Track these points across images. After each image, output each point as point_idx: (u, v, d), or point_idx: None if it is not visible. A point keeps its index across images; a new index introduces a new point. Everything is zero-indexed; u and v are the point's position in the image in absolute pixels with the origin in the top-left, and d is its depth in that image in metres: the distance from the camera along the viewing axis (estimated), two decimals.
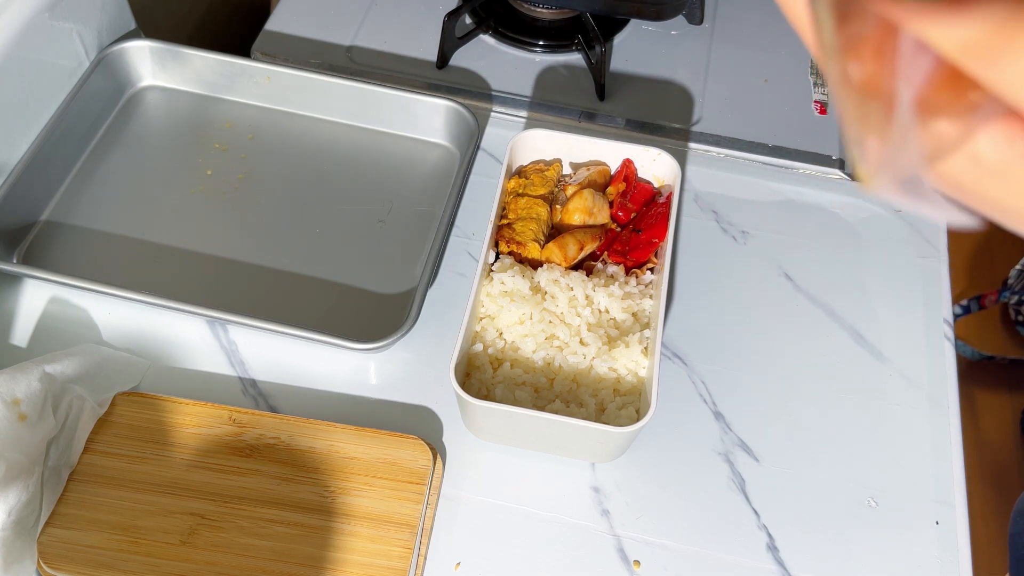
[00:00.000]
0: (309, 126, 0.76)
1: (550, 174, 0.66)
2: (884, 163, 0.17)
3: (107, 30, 0.75)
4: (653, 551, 0.56)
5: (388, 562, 0.51)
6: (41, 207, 0.68)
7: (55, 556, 0.50)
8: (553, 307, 0.59)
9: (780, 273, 0.69)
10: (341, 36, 0.83)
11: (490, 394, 0.57)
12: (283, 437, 0.55)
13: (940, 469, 0.60)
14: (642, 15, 0.78)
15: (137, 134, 0.74)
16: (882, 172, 0.18)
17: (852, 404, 0.63)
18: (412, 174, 0.73)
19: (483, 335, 0.59)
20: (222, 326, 0.63)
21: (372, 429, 0.56)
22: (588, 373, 0.57)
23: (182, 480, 0.53)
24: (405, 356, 0.63)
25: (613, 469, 0.59)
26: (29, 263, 0.65)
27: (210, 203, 0.70)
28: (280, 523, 0.52)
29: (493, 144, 0.76)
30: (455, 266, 0.68)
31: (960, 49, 0.16)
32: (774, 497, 0.58)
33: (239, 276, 0.66)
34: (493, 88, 0.79)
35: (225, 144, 0.74)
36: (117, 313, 0.63)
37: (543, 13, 0.83)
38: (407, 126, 0.75)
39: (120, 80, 0.75)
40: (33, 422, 0.52)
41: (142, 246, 0.67)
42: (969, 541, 0.57)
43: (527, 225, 0.63)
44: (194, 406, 0.56)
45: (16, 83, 0.66)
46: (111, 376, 0.58)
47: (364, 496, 0.53)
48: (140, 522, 0.51)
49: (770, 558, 0.56)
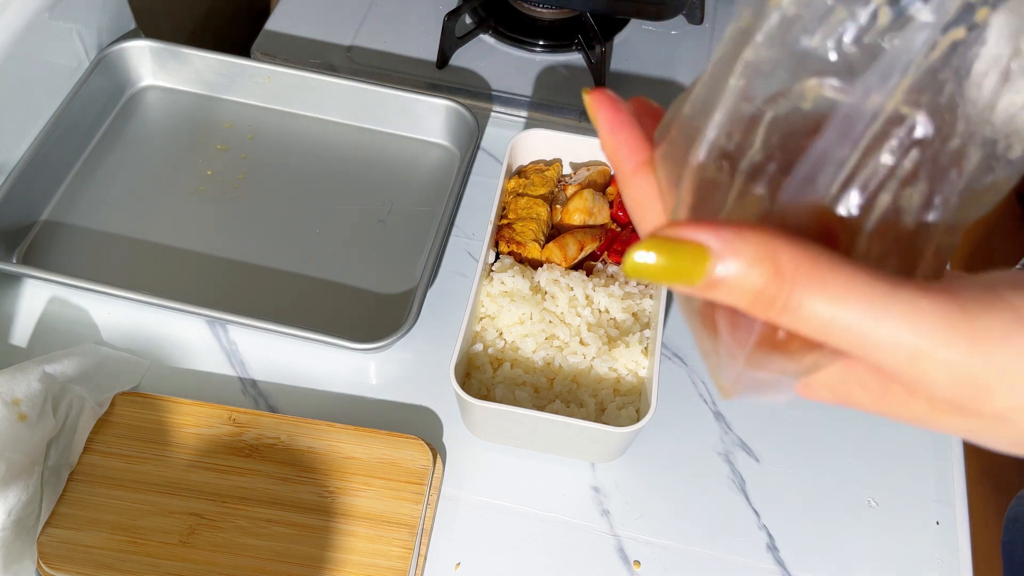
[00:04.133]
0: (309, 126, 0.76)
1: (550, 174, 0.66)
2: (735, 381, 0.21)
3: (107, 30, 0.75)
4: (653, 551, 0.56)
5: (388, 562, 0.51)
6: (41, 207, 0.68)
7: (55, 556, 0.50)
8: (553, 307, 0.59)
9: None
10: (341, 36, 0.83)
11: (490, 394, 0.57)
12: (283, 437, 0.55)
13: (940, 469, 0.60)
14: (642, 15, 0.78)
15: (137, 134, 0.74)
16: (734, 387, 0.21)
17: None
18: (412, 174, 0.73)
19: (483, 335, 0.59)
20: (222, 326, 0.63)
21: (372, 429, 0.56)
22: (588, 373, 0.57)
23: (182, 480, 0.53)
24: (405, 356, 0.63)
25: (613, 469, 0.58)
26: (29, 263, 0.65)
27: (210, 203, 0.70)
28: (280, 523, 0.52)
29: (493, 144, 0.76)
30: (455, 266, 0.68)
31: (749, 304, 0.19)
32: (774, 497, 0.58)
33: (239, 276, 0.66)
34: (493, 88, 0.79)
35: (225, 144, 0.74)
36: (117, 313, 0.63)
37: (543, 13, 0.83)
38: (407, 126, 0.75)
39: (120, 80, 0.75)
40: (33, 422, 0.52)
41: (142, 246, 0.67)
42: (969, 541, 0.57)
43: (527, 225, 0.63)
44: (194, 406, 0.56)
45: (16, 83, 0.66)
46: (111, 376, 0.58)
47: (364, 496, 0.53)
48: (140, 522, 0.51)
49: (770, 558, 0.56)
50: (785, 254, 0.18)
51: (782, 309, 0.18)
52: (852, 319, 0.18)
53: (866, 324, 0.18)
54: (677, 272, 0.18)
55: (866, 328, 0.18)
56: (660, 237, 0.18)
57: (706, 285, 0.18)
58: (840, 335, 0.18)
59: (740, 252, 0.18)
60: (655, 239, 0.18)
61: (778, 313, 0.18)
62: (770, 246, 0.18)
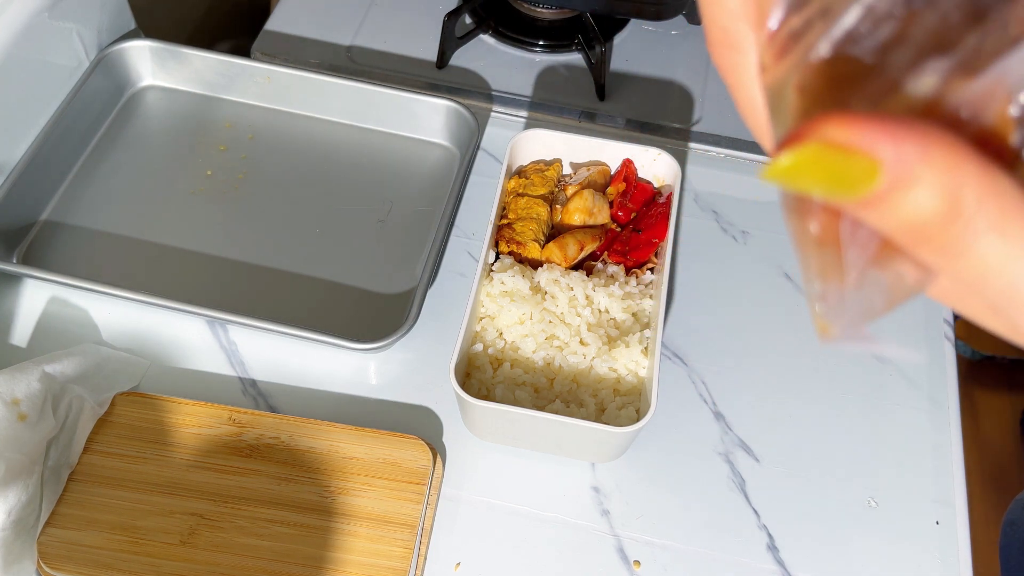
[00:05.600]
0: (309, 126, 0.76)
1: (550, 174, 0.66)
2: (843, 310, 0.17)
3: (107, 30, 0.75)
4: (653, 551, 0.56)
5: (388, 562, 0.51)
6: (41, 207, 0.68)
7: (55, 556, 0.50)
8: (553, 307, 0.59)
9: (780, 273, 0.69)
10: (341, 36, 0.83)
11: (490, 394, 0.57)
12: (283, 437, 0.55)
13: (940, 469, 0.60)
14: (642, 15, 0.78)
15: (137, 134, 0.74)
16: (841, 320, 0.17)
17: (852, 404, 0.62)
18: (412, 174, 0.73)
19: (483, 335, 0.59)
20: (222, 326, 0.63)
21: (372, 429, 0.56)
22: (588, 373, 0.57)
23: (182, 480, 0.53)
24: (405, 356, 0.63)
25: (613, 469, 0.58)
26: (29, 263, 0.65)
27: (210, 203, 0.70)
28: (280, 523, 0.52)
29: (493, 144, 0.76)
30: (455, 266, 0.68)
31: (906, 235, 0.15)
32: (774, 497, 0.58)
33: (239, 276, 0.66)
34: (493, 88, 0.79)
35: (225, 144, 0.74)
36: (117, 313, 0.63)
37: (543, 13, 0.83)
38: (407, 126, 0.75)
39: (120, 80, 0.75)
40: (33, 422, 0.52)
41: (142, 246, 0.67)
42: (969, 541, 0.57)
43: (527, 225, 0.63)
44: (194, 406, 0.56)
45: (16, 83, 0.66)
46: (111, 376, 0.58)
47: (364, 496, 0.53)
48: (140, 522, 0.51)
49: (770, 558, 0.56)
50: (971, 189, 0.14)
51: (944, 248, 0.15)
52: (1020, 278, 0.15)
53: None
54: (834, 185, 0.15)
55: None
56: (822, 142, 0.14)
57: (862, 204, 0.15)
58: (998, 286, 0.15)
59: (920, 176, 0.14)
60: (815, 146, 0.14)
61: (937, 251, 0.15)
62: (957, 174, 0.14)
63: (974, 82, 0.15)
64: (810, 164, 0.15)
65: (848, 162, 0.14)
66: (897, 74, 0.15)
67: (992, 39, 0.15)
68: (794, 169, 0.15)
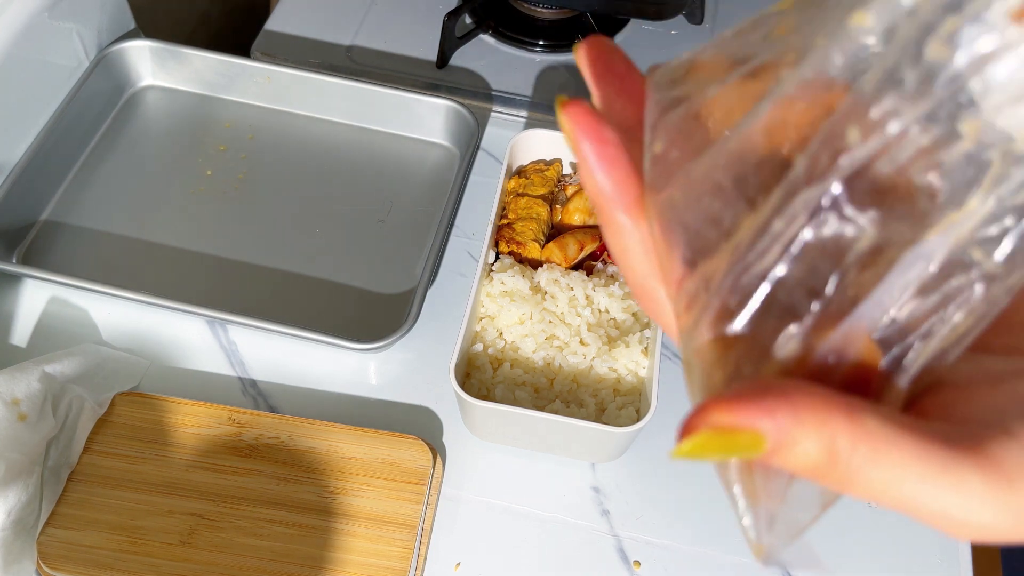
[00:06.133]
0: (309, 126, 0.76)
1: (550, 174, 0.66)
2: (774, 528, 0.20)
3: (107, 30, 0.75)
4: (653, 551, 0.56)
5: (388, 562, 0.51)
6: (41, 207, 0.68)
7: (55, 556, 0.50)
8: (553, 307, 0.59)
9: None
10: (341, 36, 0.83)
11: (490, 394, 0.57)
12: (283, 437, 0.55)
13: None
14: (642, 15, 0.78)
15: (137, 134, 0.74)
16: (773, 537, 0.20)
17: None
18: (412, 174, 0.73)
19: (483, 335, 0.59)
20: (222, 326, 0.63)
21: (372, 429, 0.56)
22: (588, 373, 0.57)
23: (181, 480, 0.53)
24: (405, 356, 0.63)
25: (613, 469, 0.58)
26: (29, 263, 0.65)
27: (210, 203, 0.70)
28: (280, 523, 0.52)
29: (493, 144, 0.76)
30: (455, 266, 0.68)
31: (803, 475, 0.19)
32: None
33: (239, 276, 0.66)
34: (493, 88, 0.79)
35: (225, 144, 0.74)
36: (117, 313, 0.63)
37: (543, 13, 0.83)
38: (407, 126, 0.75)
39: (120, 80, 0.75)
40: (33, 422, 0.52)
41: (142, 246, 0.67)
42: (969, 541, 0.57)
43: (527, 225, 0.63)
44: (193, 406, 0.56)
45: (16, 83, 0.66)
46: (111, 376, 0.58)
47: (364, 496, 0.53)
48: (140, 522, 0.51)
49: None
50: (843, 436, 0.18)
51: (837, 481, 0.18)
52: (905, 492, 0.18)
53: (920, 498, 0.18)
54: (731, 454, 0.18)
55: (920, 501, 0.18)
56: (710, 429, 0.18)
57: (759, 459, 0.18)
58: (891, 503, 0.19)
59: (797, 438, 0.18)
60: (706, 433, 0.18)
61: (832, 484, 0.19)
62: (828, 428, 0.18)
63: (834, 332, 0.18)
64: (707, 444, 0.18)
65: (737, 437, 0.18)
66: (767, 341, 0.19)
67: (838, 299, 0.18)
68: (695, 450, 0.18)
